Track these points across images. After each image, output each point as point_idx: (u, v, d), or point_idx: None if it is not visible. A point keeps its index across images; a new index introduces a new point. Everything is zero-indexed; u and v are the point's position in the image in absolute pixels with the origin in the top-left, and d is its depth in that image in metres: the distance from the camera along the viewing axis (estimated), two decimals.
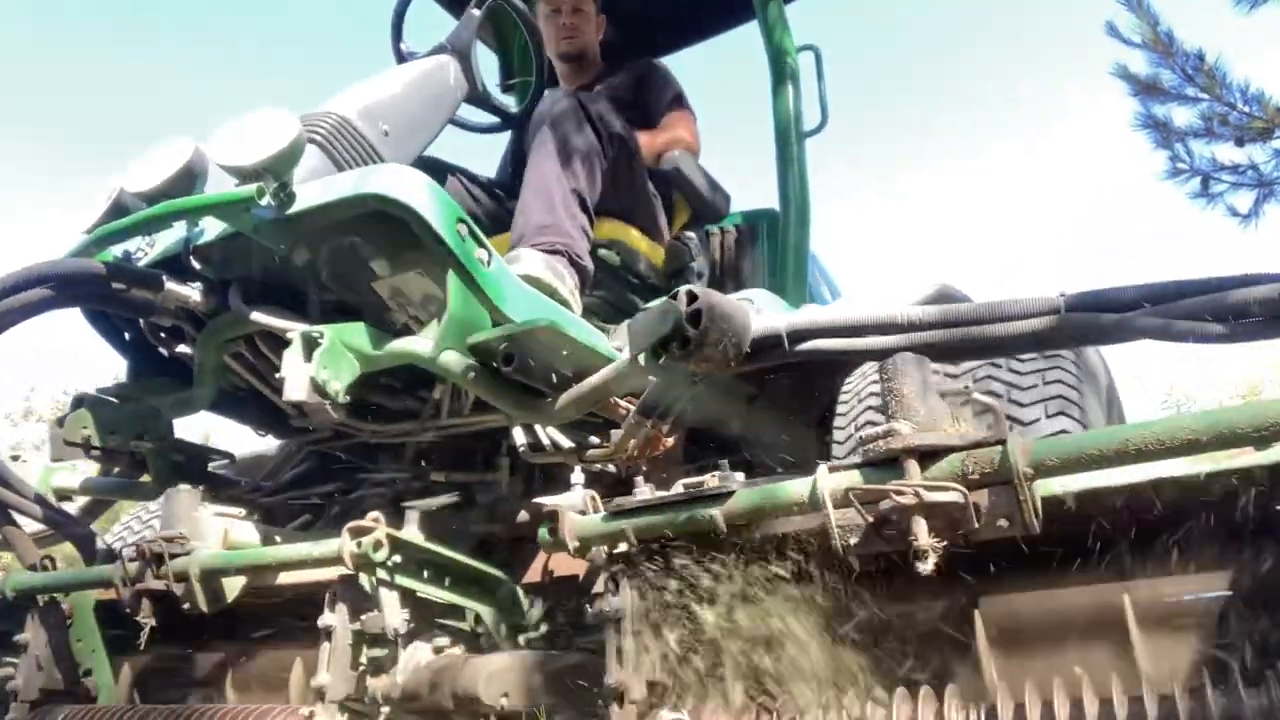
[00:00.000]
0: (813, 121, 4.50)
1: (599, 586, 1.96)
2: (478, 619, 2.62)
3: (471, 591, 2.56)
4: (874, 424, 2.59)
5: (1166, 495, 1.67)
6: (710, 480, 1.88)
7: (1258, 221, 8.22)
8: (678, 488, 1.92)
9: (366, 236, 2.67)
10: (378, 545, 2.22)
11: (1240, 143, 8.00)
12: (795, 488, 1.77)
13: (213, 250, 2.74)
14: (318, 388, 2.36)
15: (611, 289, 3.61)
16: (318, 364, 2.35)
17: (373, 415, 3.23)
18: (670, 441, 2.87)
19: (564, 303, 2.98)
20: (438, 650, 2.42)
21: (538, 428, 2.99)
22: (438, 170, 3.72)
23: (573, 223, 3.25)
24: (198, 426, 5.91)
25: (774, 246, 4.32)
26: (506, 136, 4.55)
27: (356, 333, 2.56)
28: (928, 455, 1.66)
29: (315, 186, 2.56)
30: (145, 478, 3.22)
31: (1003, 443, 1.60)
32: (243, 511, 3.34)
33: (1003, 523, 1.58)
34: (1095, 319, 2.18)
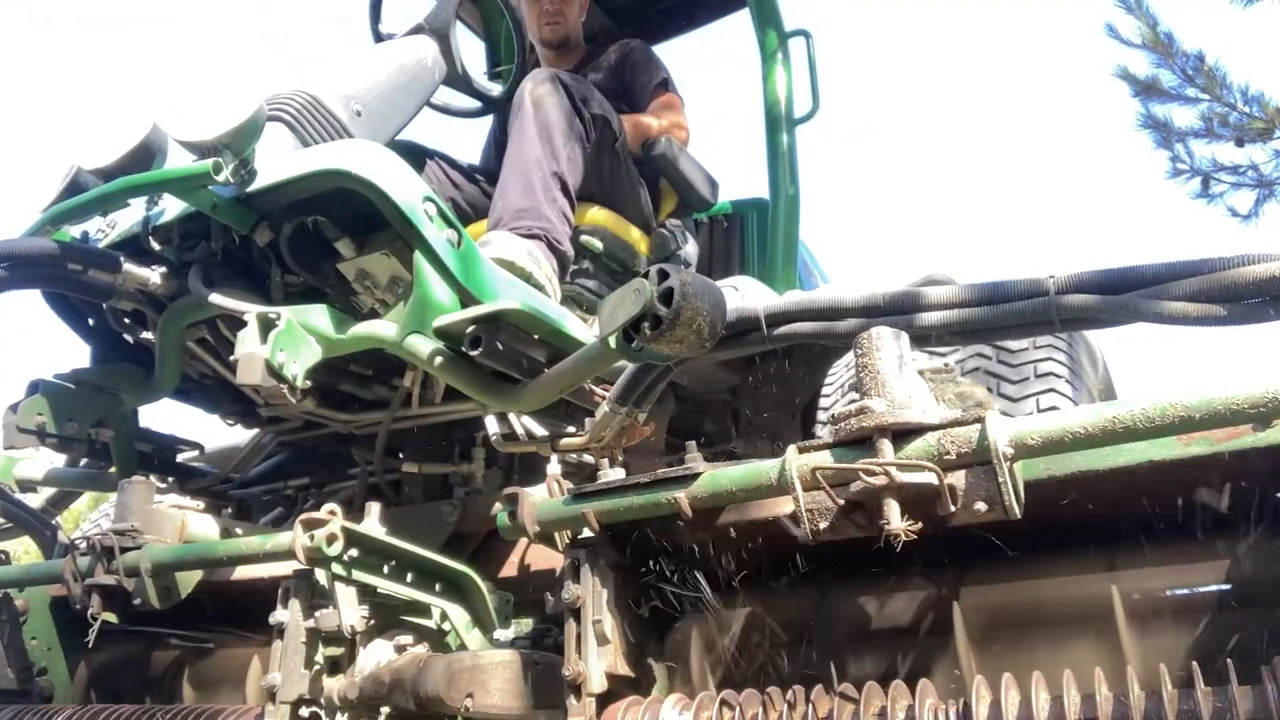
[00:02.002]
0: (804, 108, 4.41)
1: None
2: (445, 616, 2.51)
3: (437, 588, 2.45)
4: None
5: (1157, 480, 1.56)
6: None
7: (1257, 221, 8.20)
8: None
9: (330, 216, 2.57)
10: (332, 539, 2.12)
11: (1240, 143, 8.03)
12: (763, 469, 1.67)
13: (173, 230, 2.64)
14: (274, 371, 2.26)
15: (594, 277, 3.50)
16: (273, 346, 2.25)
17: (344, 404, 3.13)
18: (648, 430, 2.76)
19: (539, 288, 2.88)
20: (400, 649, 2.31)
21: (512, 417, 2.89)
22: (416, 154, 3.63)
23: (552, 207, 3.15)
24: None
25: (763, 236, 4.22)
26: (491, 122, 4.44)
27: (318, 315, 2.46)
28: (902, 434, 1.56)
29: (276, 163, 2.46)
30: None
31: (981, 421, 1.50)
32: (201, 504, 3.25)
33: (981, 506, 1.48)
34: (1087, 301, 2.08)
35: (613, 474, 1.85)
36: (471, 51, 4.66)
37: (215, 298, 2.53)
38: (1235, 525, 1.60)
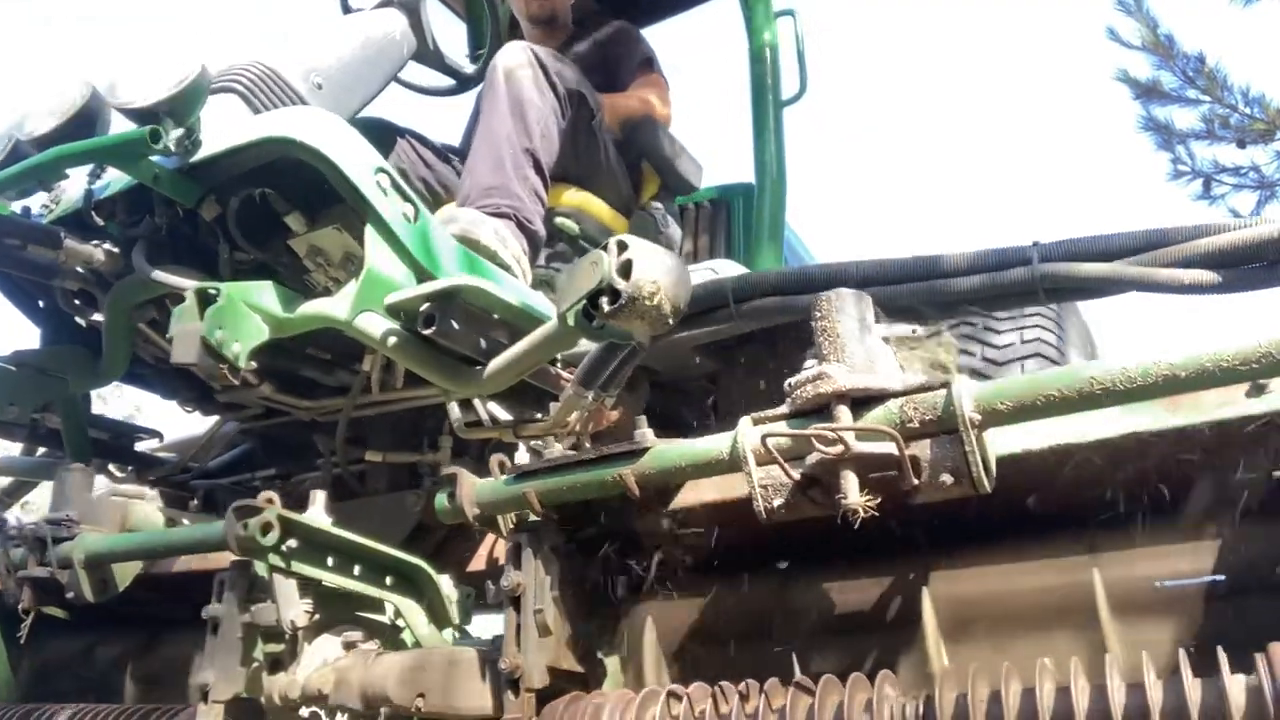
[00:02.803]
0: (792, 89, 4.27)
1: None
2: (399, 612, 2.38)
3: (388, 581, 2.32)
4: None
5: (1142, 453, 1.43)
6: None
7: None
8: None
9: (280, 189, 2.44)
10: (267, 528, 1.98)
11: (1242, 144, 8.01)
12: (714, 443, 1.54)
13: (117, 205, 2.51)
14: (212, 349, 2.12)
15: (569, 260, 3.37)
16: (210, 322, 2.11)
17: (306, 390, 3.00)
18: (615, 416, 2.63)
19: (506, 268, 2.75)
20: (348, 646, 2.18)
21: (477, 403, 2.76)
22: (387, 132, 3.49)
23: (523, 185, 3.01)
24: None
25: (749, 221, 4.08)
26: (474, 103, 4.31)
27: (264, 292, 2.32)
28: (862, 401, 1.42)
29: (220, 131, 2.33)
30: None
31: (947, 385, 1.36)
32: (146, 492, 3.11)
33: (946, 478, 1.34)
34: (1073, 269, 1.95)
35: (555, 450, 1.71)
36: (453, 34, 4.54)
37: (159, 275, 2.40)
38: (1229, 504, 1.47)
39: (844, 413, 1.41)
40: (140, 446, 3.35)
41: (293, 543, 2.07)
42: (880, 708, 1.31)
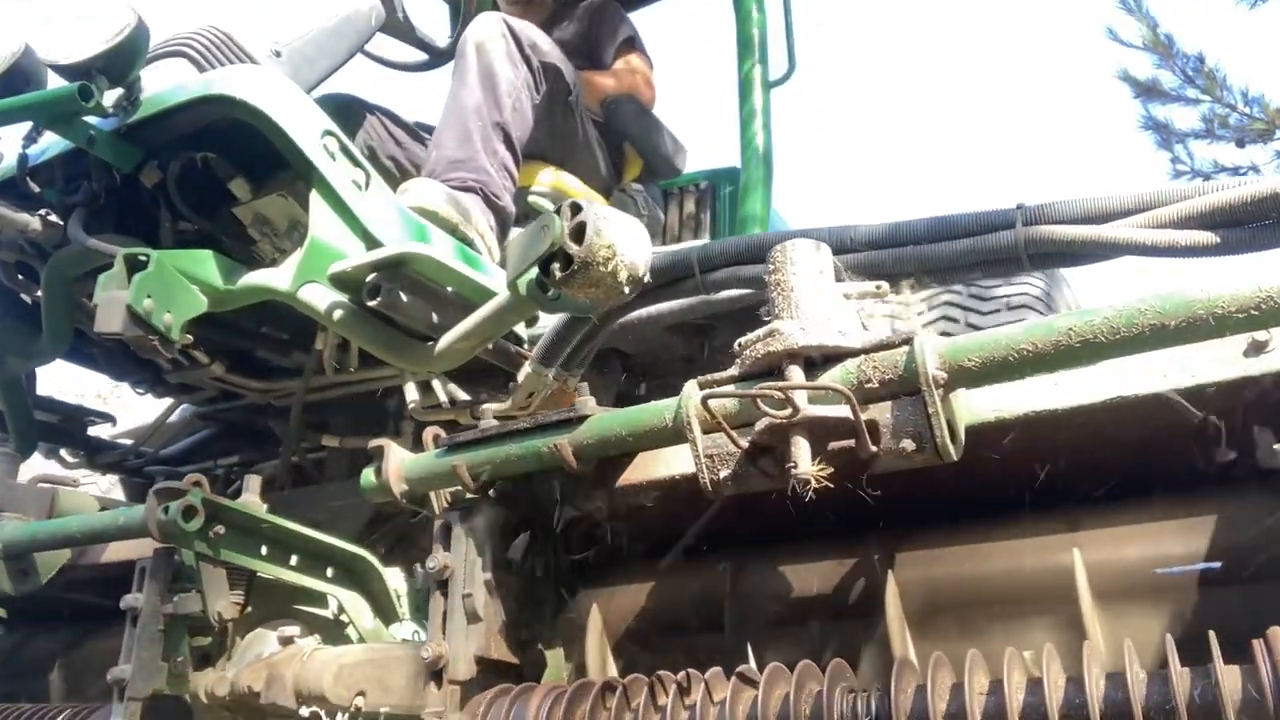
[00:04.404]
0: (780, 70, 4.12)
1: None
2: (342, 606, 2.25)
3: (328, 573, 2.18)
4: None
5: (1128, 422, 1.28)
6: None
7: None
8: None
9: (223, 153, 2.31)
10: (190, 512, 1.84)
11: (1241, 144, 7.98)
12: (656, 409, 1.40)
13: (55, 170, 2.38)
14: (139, 319, 1.98)
15: None
16: (138, 289, 1.97)
17: (263, 372, 2.87)
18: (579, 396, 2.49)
19: (468, 242, 2.60)
20: (285, 640, 2.04)
21: (436, 384, 2.62)
22: (354, 108, 3.35)
23: (492, 159, 2.87)
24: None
25: (736, 205, 3.93)
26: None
27: (202, 262, 2.19)
28: (816, 361, 1.28)
29: (156, 91, 2.20)
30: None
31: (909, 342, 1.22)
32: (80, 477, 2.97)
33: (908, 444, 1.20)
34: (1060, 233, 1.79)
35: (490, 423, 1.57)
36: (433, 9, 4.42)
37: (94, 243, 2.26)
38: (1223, 479, 1.32)
39: (796, 373, 1.26)
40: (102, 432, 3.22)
41: (220, 529, 1.93)
42: (830, 700, 1.17)
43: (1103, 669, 1.11)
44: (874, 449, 1.21)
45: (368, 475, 1.60)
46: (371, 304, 2.11)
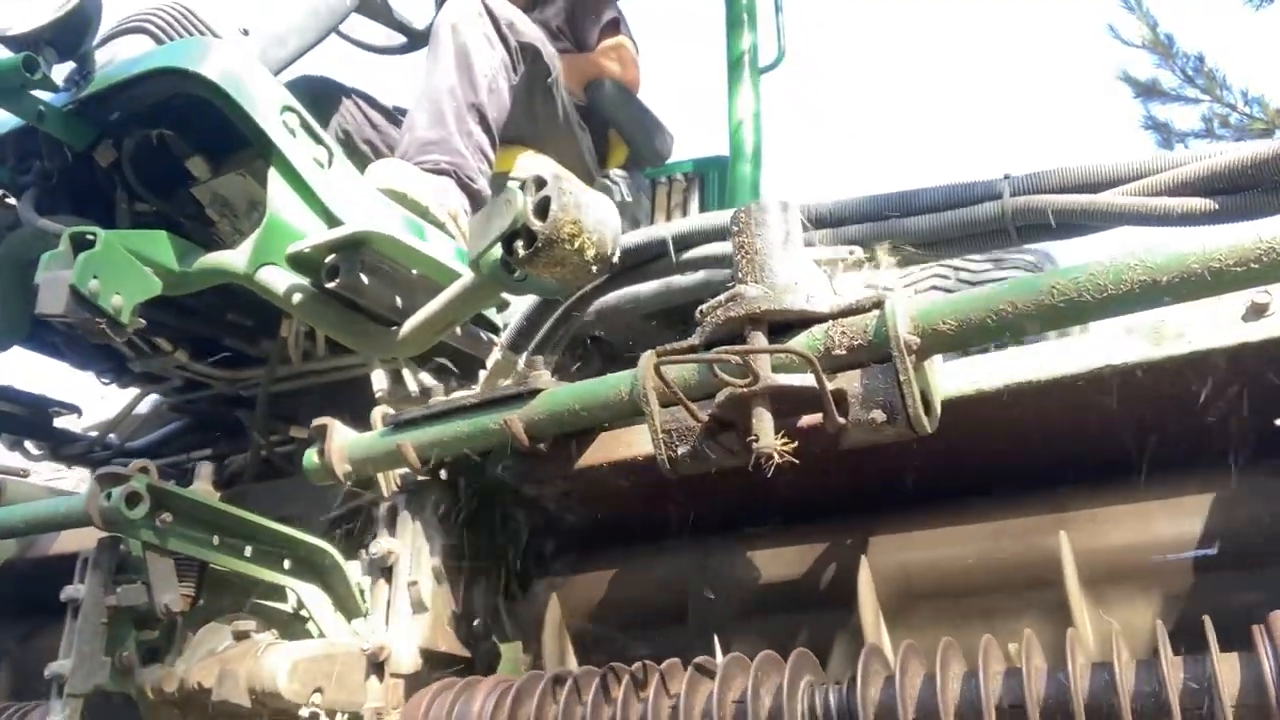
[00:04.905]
0: (769, 56, 4.03)
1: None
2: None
3: (286, 565, 2.08)
4: None
5: (1119, 393, 1.19)
6: None
7: None
8: None
9: (180, 130, 2.21)
10: (134, 499, 1.75)
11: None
12: (613, 383, 1.30)
13: (5, 149, 2.28)
14: (84, 300, 1.88)
15: None
16: (82, 269, 1.87)
17: (232, 361, 2.77)
18: (553, 384, 2.39)
19: (439, 225, 2.51)
20: (240, 635, 1.94)
21: (406, 373, 2.51)
22: (329, 91, 3.25)
23: (466, 140, 2.77)
24: None
25: (724, 195, 3.84)
26: None
27: (154, 243, 2.08)
28: (781, 327, 1.18)
29: (108, 64, 2.11)
30: None
31: (880, 305, 1.12)
32: (28, 467, 2.87)
33: (877, 415, 1.10)
34: (1049, 203, 1.71)
35: (439, 399, 1.48)
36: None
37: (44, 223, 2.17)
38: (1220, 456, 1.22)
39: (759, 338, 1.17)
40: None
41: (167, 517, 1.84)
42: (792, 693, 1.07)
43: (1088, 658, 1.02)
44: (842, 421, 1.12)
45: (310, 456, 1.51)
46: (330, 286, 2.01)
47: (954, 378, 1.20)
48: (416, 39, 3.44)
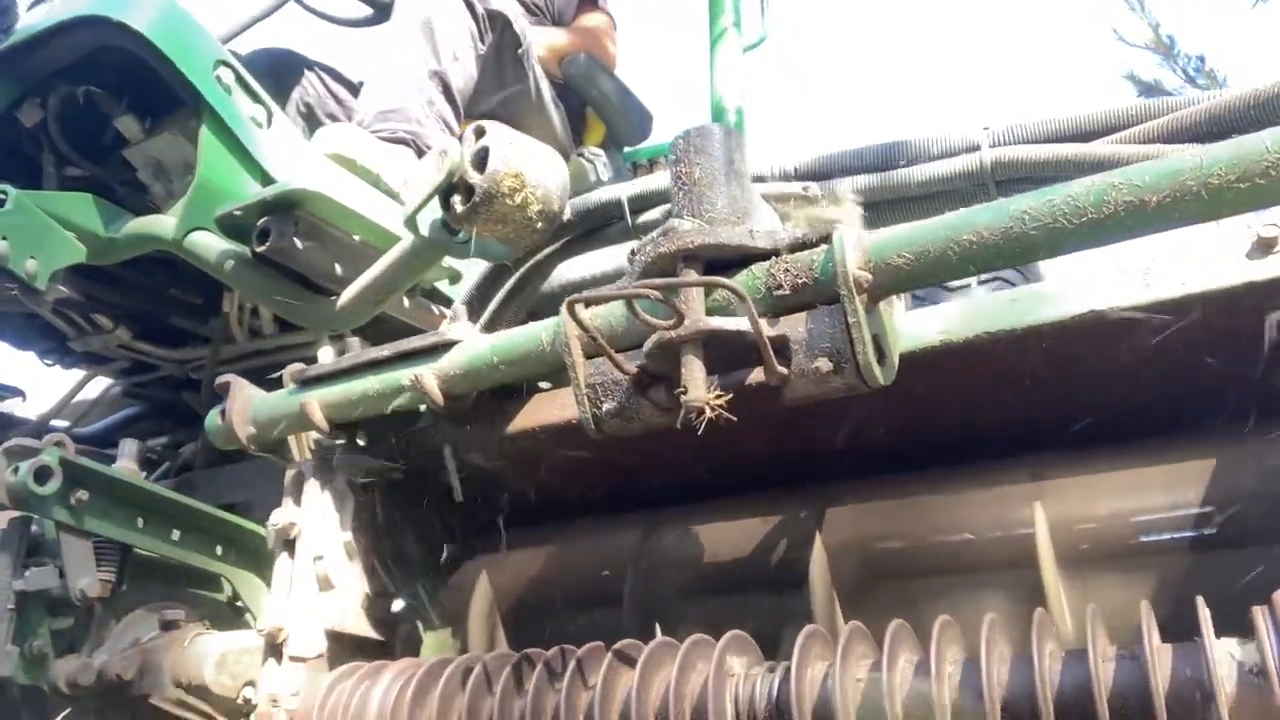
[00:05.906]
0: (754, 35, 3.89)
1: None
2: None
3: (218, 550, 1.95)
4: None
5: (1101, 344, 1.04)
6: None
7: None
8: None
9: (109, 88, 2.07)
10: (44, 474, 1.62)
11: None
12: (533, 332, 1.16)
13: None
14: None
15: None
16: None
17: (178, 340, 2.64)
18: None
19: (392, 195, 2.36)
20: (168, 625, 1.81)
21: (354, 347, 2.37)
22: (291, 63, 3.12)
23: (427, 110, 2.63)
24: None
25: None
26: None
27: (78, 206, 1.96)
28: (719, 265, 1.04)
29: (29, 18, 1.98)
30: None
31: (828, 239, 0.98)
32: None
33: (823, 364, 0.95)
34: (1032, 154, 1.57)
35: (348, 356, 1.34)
36: None
37: None
38: (1215, 416, 1.08)
39: (692, 276, 1.02)
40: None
41: (83, 495, 1.71)
42: (717, 684, 0.92)
43: (1059, 644, 0.88)
44: (784, 371, 0.97)
45: (213, 417, 1.37)
46: (260, 249, 1.87)
47: (917, 324, 1.06)
48: (381, 11, 3.30)
